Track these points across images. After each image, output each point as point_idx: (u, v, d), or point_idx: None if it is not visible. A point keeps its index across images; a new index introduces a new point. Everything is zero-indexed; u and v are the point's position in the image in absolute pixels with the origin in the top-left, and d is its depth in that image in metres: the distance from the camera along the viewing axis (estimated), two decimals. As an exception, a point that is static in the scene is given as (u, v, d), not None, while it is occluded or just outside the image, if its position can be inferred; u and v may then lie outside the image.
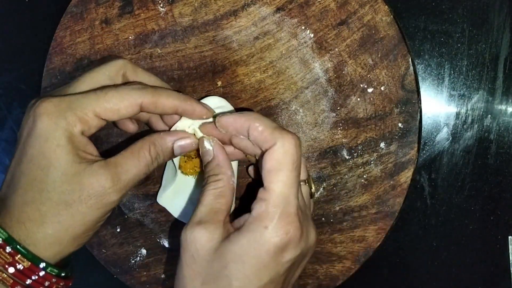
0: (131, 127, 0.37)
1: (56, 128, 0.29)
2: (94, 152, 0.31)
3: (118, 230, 0.40)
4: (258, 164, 0.32)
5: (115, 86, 0.32)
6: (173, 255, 0.40)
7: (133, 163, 0.31)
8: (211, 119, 0.34)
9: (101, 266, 0.41)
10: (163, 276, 0.41)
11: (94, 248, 0.41)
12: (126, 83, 0.33)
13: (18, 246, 0.28)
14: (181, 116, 0.34)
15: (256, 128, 0.30)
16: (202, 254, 0.29)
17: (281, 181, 0.29)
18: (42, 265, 0.29)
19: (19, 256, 0.28)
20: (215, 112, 0.34)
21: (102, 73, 0.32)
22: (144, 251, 0.41)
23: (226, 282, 0.28)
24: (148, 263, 0.41)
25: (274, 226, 0.28)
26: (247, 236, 0.28)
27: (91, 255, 0.41)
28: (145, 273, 0.41)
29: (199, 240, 0.29)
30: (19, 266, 0.28)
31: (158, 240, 0.40)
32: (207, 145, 0.33)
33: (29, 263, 0.28)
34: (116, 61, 0.33)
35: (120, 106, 0.30)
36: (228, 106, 0.36)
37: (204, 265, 0.29)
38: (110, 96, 0.30)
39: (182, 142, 0.34)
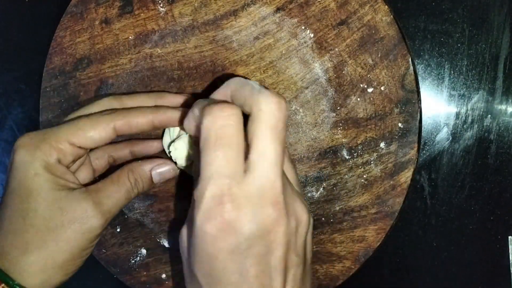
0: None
1: (32, 159, 0.30)
2: (74, 180, 0.31)
3: (118, 230, 0.40)
4: None
5: (89, 114, 0.32)
6: (173, 255, 0.40)
7: (113, 189, 0.32)
8: None
9: (101, 266, 0.41)
10: (163, 276, 0.41)
11: (94, 248, 0.41)
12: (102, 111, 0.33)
13: (2, 275, 0.28)
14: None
15: (236, 91, 0.28)
16: (184, 252, 0.29)
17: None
18: None
19: (2, 285, 0.28)
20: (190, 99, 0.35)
21: (87, 113, 0.33)
22: (144, 251, 0.41)
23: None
24: (148, 263, 0.41)
25: (201, 213, 0.25)
26: (192, 227, 0.26)
27: (91, 255, 0.41)
28: (145, 273, 0.41)
29: (181, 237, 0.29)
30: None
31: (158, 240, 0.40)
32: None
33: None
34: (100, 101, 0.33)
35: (92, 132, 0.31)
36: None
37: (185, 262, 0.29)
38: (82, 124, 0.31)
39: (160, 170, 0.34)
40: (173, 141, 0.36)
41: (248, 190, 0.25)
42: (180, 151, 0.35)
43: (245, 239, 0.25)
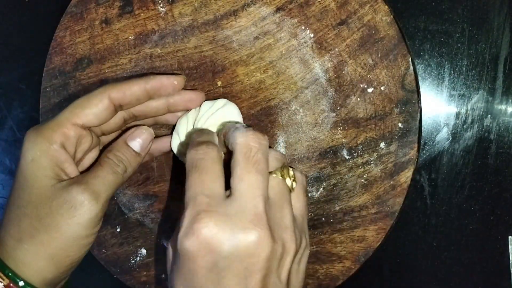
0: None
1: (33, 146, 0.30)
2: (72, 168, 0.31)
3: (118, 230, 0.40)
4: None
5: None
6: (173, 255, 0.40)
7: (99, 171, 0.31)
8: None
9: (101, 266, 0.41)
10: (163, 276, 0.41)
11: (94, 248, 0.41)
12: None
13: None
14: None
15: (226, 135, 0.31)
16: (168, 265, 0.30)
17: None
18: (20, 283, 0.29)
19: None
20: (185, 78, 0.35)
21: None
22: (144, 251, 0.41)
23: None
24: (148, 263, 0.41)
25: (182, 230, 0.26)
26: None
27: (91, 255, 0.41)
28: (145, 273, 0.41)
29: (168, 250, 0.30)
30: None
31: (158, 240, 0.40)
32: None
33: (8, 281, 0.28)
34: (99, 90, 0.33)
35: (89, 107, 0.31)
36: (232, 110, 0.36)
37: (169, 275, 0.30)
38: (79, 102, 0.31)
39: (134, 136, 0.34)
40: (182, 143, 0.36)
41: (228, 210, 0.26)
42: None
43: (223, 257, 0.26)
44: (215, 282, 0.26)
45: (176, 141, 0.37)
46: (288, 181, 0.30)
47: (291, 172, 0.31)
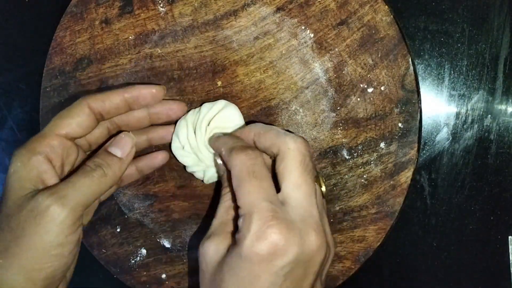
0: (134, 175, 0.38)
1: (16, 159, 0.30)
2: (53, 180, 0.31)
3: (118, 230, 0.40)
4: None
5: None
6: (173, 255, 0.40)
7: (76, 178, 0.30)
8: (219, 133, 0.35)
9: (101, 266, 0.41)
10: (163, 276, 0.41)
11: (94, 248, 0.41)
12: None
13: None
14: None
15: (260, 135, 0.31)
16: (209, 267, 0.29)
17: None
18: None
19: None
20: (165, 88, 0.35)
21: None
22: (144, 251, 0.41)
23: None
24: (148, 263, 0.41)
25: (251, 234, 0.27)
26: (237, 247, 0.27)
27: (91, 255, 0.41)
28: (145, 273, 0.41)
29: (207, 252, 0.29)
30: None
31: (158, 240, 0.40)
32: (218, 160, 0.34)
33: None
34: (79, 100, 0.33)
35: (70, 117, 0.32)
36: (234, 112, 0.36)
37: (209, 277, 0.29)
38: (62, 113, 0.32)
39: (115, 143, 0.33)
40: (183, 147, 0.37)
41: (292, 217, 0.28)
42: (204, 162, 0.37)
43: (289, 262, 0.27)
44: (276, 286, 0.27)
45: (176, 143, 0.37)
46: (323, 188, 0.33)
47: (323, 178, 0.33)
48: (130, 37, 0.38)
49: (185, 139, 0.36)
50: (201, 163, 0.37)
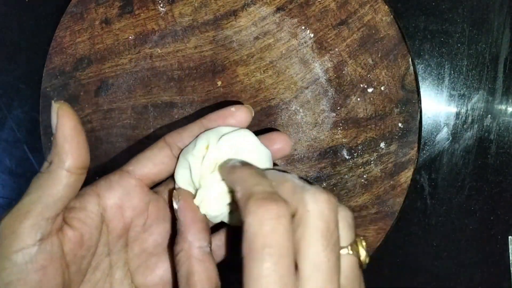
0: None
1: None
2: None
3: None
4: None
5: None
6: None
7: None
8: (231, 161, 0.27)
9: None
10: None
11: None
12: None
13: None
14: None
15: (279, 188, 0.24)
16: None
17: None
18: None
19: None
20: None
21: None
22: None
23: None
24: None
25: None
26: None
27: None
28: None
29: None
30: None
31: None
32: (175, 204, 0.27)
33: None
34: None
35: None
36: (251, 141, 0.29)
37: None
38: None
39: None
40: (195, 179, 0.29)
41: None
42: (212, 203, 0.28)
43: None
44: None
45: (183, 172, 0.29)
46: (362, 255, 0.24)
47: (363, 243, 0.25)
48: (130, 37, 0.38)
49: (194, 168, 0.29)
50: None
